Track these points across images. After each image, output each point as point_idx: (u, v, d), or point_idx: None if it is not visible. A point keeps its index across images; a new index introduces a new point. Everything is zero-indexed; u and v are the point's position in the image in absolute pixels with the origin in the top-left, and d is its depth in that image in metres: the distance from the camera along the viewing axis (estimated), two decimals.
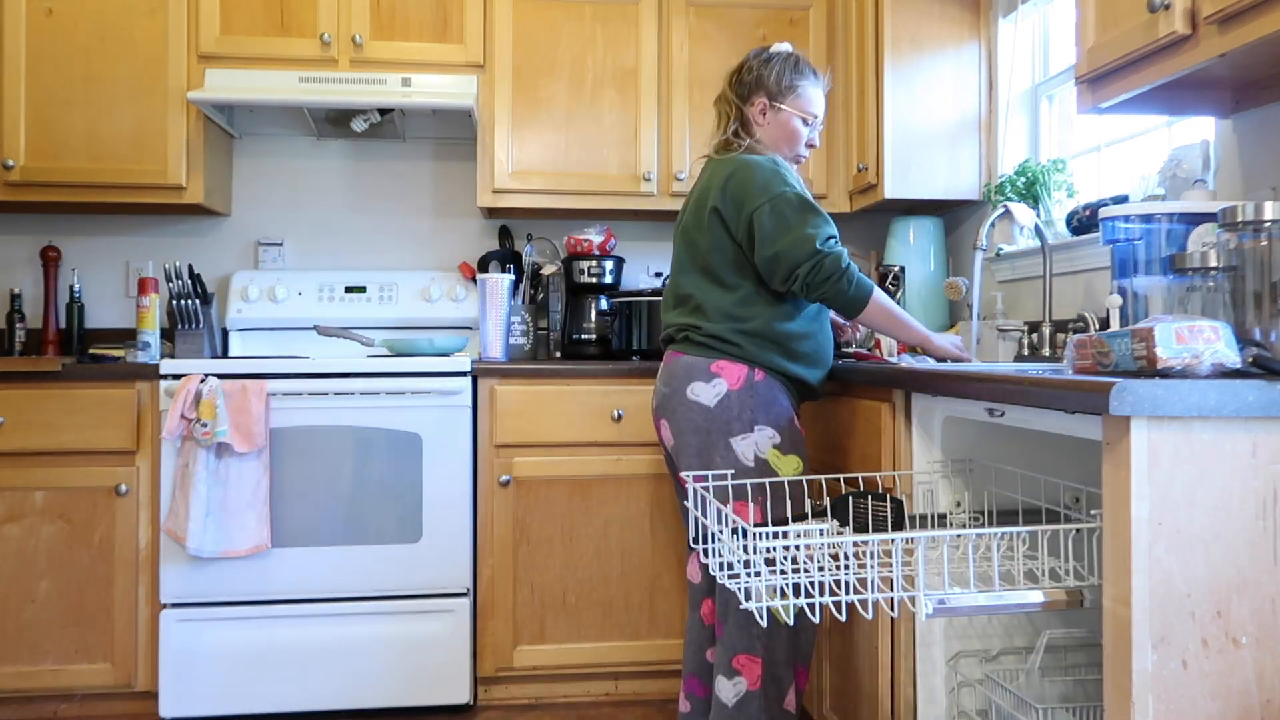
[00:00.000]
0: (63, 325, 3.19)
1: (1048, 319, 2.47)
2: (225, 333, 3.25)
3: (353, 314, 3.23)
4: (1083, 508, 1.79)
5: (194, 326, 3.00)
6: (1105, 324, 2.19)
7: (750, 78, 2.15)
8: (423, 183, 3.42)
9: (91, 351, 2.90)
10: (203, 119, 3.00)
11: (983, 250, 2.40)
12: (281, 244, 3.35)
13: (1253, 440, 1.20)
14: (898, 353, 2.61)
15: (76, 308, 3.20)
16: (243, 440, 2.57)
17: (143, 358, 2.84)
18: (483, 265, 3.32)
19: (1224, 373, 1.25)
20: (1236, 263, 1.42)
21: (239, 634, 2.64)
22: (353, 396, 2.68)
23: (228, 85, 2.91)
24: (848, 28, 3.16)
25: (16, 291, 3.18)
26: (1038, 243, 2.61)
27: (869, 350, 2.62)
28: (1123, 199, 2.36)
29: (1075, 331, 2.33)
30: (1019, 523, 1.79)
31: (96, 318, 3.27)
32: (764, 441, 2.03)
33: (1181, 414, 1.17)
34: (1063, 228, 2.63)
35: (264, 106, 3.01)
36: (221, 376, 2.61)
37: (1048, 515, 1.76)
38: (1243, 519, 1.20)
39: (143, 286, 2.88)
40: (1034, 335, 2.52)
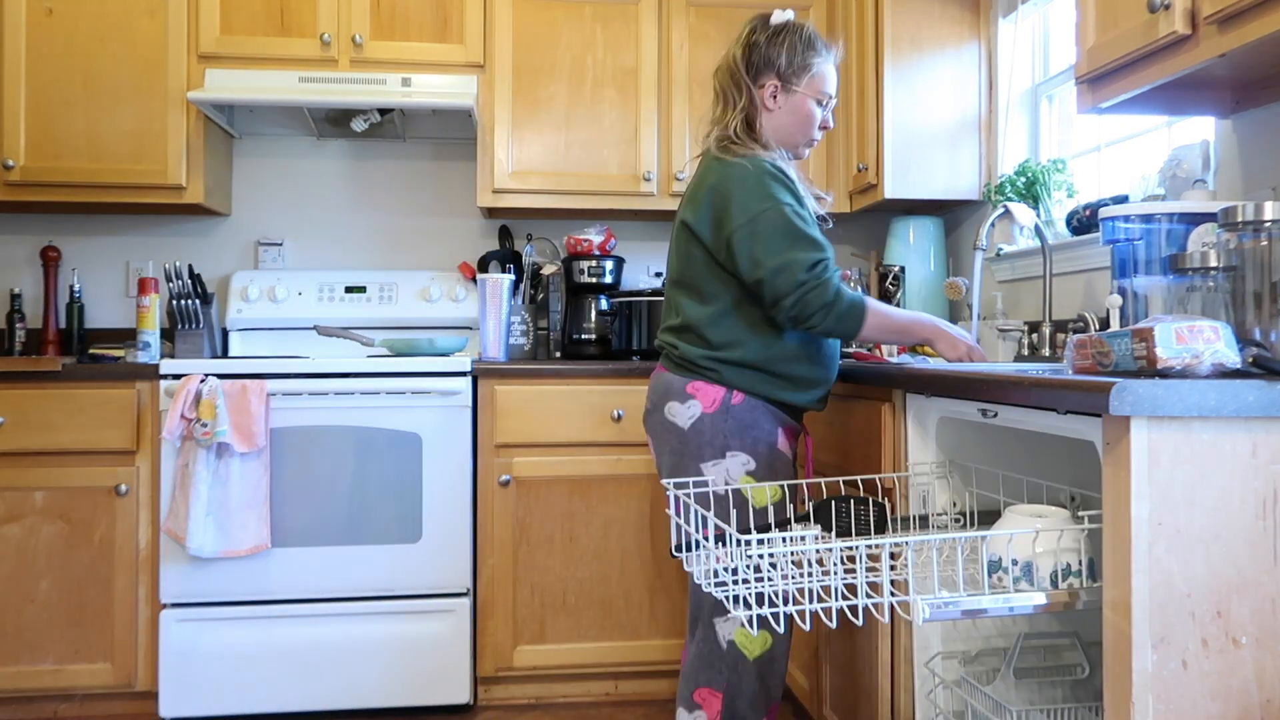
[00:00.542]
0: (63, 325, 3.19)
1: (1048, 319, 2.47)
2: (225, 333, 3.25)
3: (353, 314, 3.23)
4: (1080, 509, 1.79)
5: (194, 326, 3.00)
6: (1105, 324, 2.19)
7: (758, 56, 1.97)
8: (423, 183, 3.42)
9: (91, 351, 2.90)
10: (203, 119, 3.00)
11: (983, 250, 2.40)
12: (281, 244, 3.35)
13: (1253, 440, 1.20)
14: (898, 353, 2.61)
15: (76, 308, 3.20)
16: (243, 440, 2.57)
17: (143, 358, 2.84)
18: (483, 265, 3.32)
19: (1224, 373, 1.25)
20: (1236, 263, 1.42)
21: (239, 634, 2.64)
22: (353, 396, 2.68)
23: (228, 85, 2.91)
24: (848, 27, 3.15)
25: (16, 291, 3.18)
26: (1038, 243, 2.61)
27: (869, 350, 2.62)
28: (1123, 199, 2.36)
29: (1075, 331, 2.33)
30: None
31: (96, 318, 3.27)
32: (736, 469, 1.89)
33: (1181, 414, 1.17)
34: (1063, 228, 2.63)
35: (264, 106, 3.01)
36: (221, 376, 2.61)
37: None
38: (1243, 519, 1.20)
39: (143, 286, 2.88)
40: (1034, 335, 2.52)
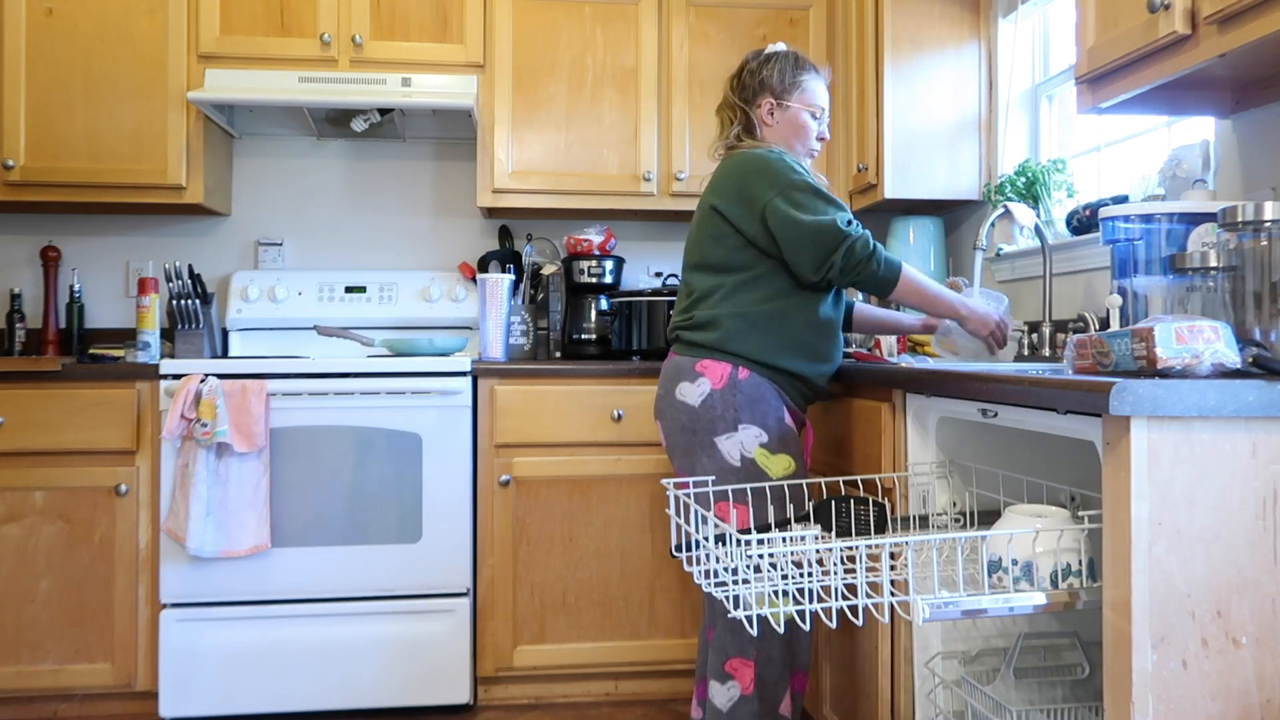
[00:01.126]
0: (63, 325, 3.19)
1: (1048, 319, 2.47)
2: (225, 333, 3.25)
3: (353, 314, 3.23)
4: (1080, 509, 1.79)
5: (194, 326, 3.00)
6: (1105, 324, 2.19)
7: (753, 80, 2.14)
8: (423, 183, 3.42)
9: (91, 351, 2.90)
10: (203, 119, 3.00)
11: (983, 250, 2.40)
12: (281, 244, 3.35)
13: (1253, 440, 1.20)
14: (897, 352, 2.61)
15: (76, 308, 3.20)
16: (243, 440, 2.57)
17: (143, 358, 2.84)
18: (483, 265, 3.32)
19: (1224, 373, 1.25)
20: (1236, 263, 1.42)
21: (239, 634, 2.64)
22: (353, 396, 2.68)
23: (228, 85, 2.91)
24: (848, 28, 3.16)
25: (16, 291, 3.18)
26: (1038, 243, 2.61)
27: (869, 350, 2.62)
28: (1123, 199, 2.36)
29: (1075, 331, 2.33)
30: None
31: (96, 318, 3.27)
32: (749, 441, 1.99)
33: (1181, 414, 1.17)
34: (1063, 228, 2.63)
35: (264, 106, 3.01)
36: (221, 376, 2.61)
37: None
38: (1243, 519, 1.20)
39: (143, 286, 2.88)
40: (1034, 335, 2.52)
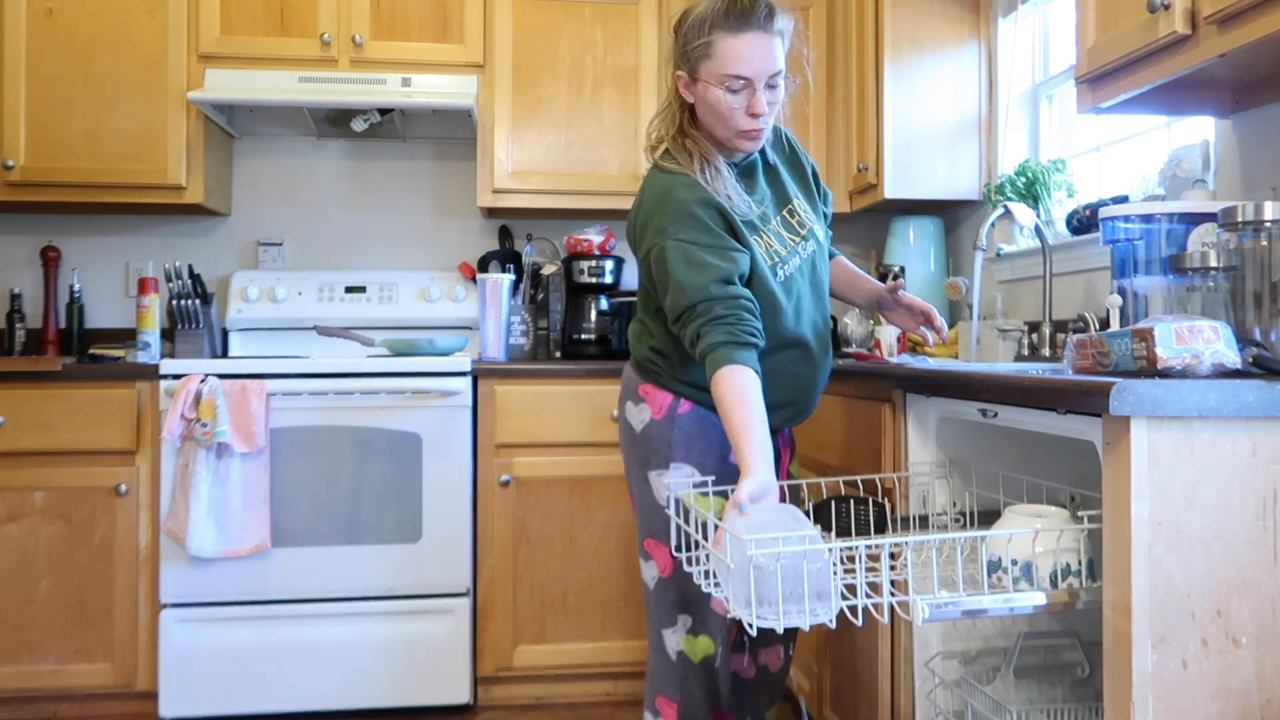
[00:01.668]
0: (63, 325, 3.19)
1: (1048, 319, 2.47)
2: (225, 333, 3.25)
3: (353, 314, 3.23)
4: (1080, 509, 1.79)
5: (194, 326, 3.00)
6: (1105, 324, 2.19)
7: (671, 47, 1.75)
8: (423, 183, 3.42)
9: (91, 351, 2.90)
10: (203, 119, 3.00)
11: (983, 250, 2.40)
12: (281, 244, 3.35)
13: (1253, 440, 1.20)
14: (897, 352, 2.61)
15: (76, 308, 3.20)
16: (243, 440, 2.57)
17: (143, 358, 2.84)
18: (483, 265, 3.32)
19: (1224, 373, 1.25)
20: (1236, 263, 1.42)
21: (239, 634, 2.64)
22: (353, 397, 2.68)
23: (228, 85, 2.91)
24: (848, 28, 3.16)
25: (16, 291, 3.18)
26: (1038, 243, 2.61)
27: (869, 350, 2.62)
28: (1123, 199, 2.36)
29: (1075, 331, 2.33)
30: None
31: (96, 318, 3.27)
32: (680, 483, 1.76)
33: (1181, 414, 1.17)
34: (1063, 228, 2.63)
35: (264, 106, 3.01)
36: (221, 376, 2.61)
37: None
38: (1243, 519, 1.20)
39: (143, 286, 2.88)
40: (1034, 335, 2.52)
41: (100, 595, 2.66)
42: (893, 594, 1.39)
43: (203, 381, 2.58)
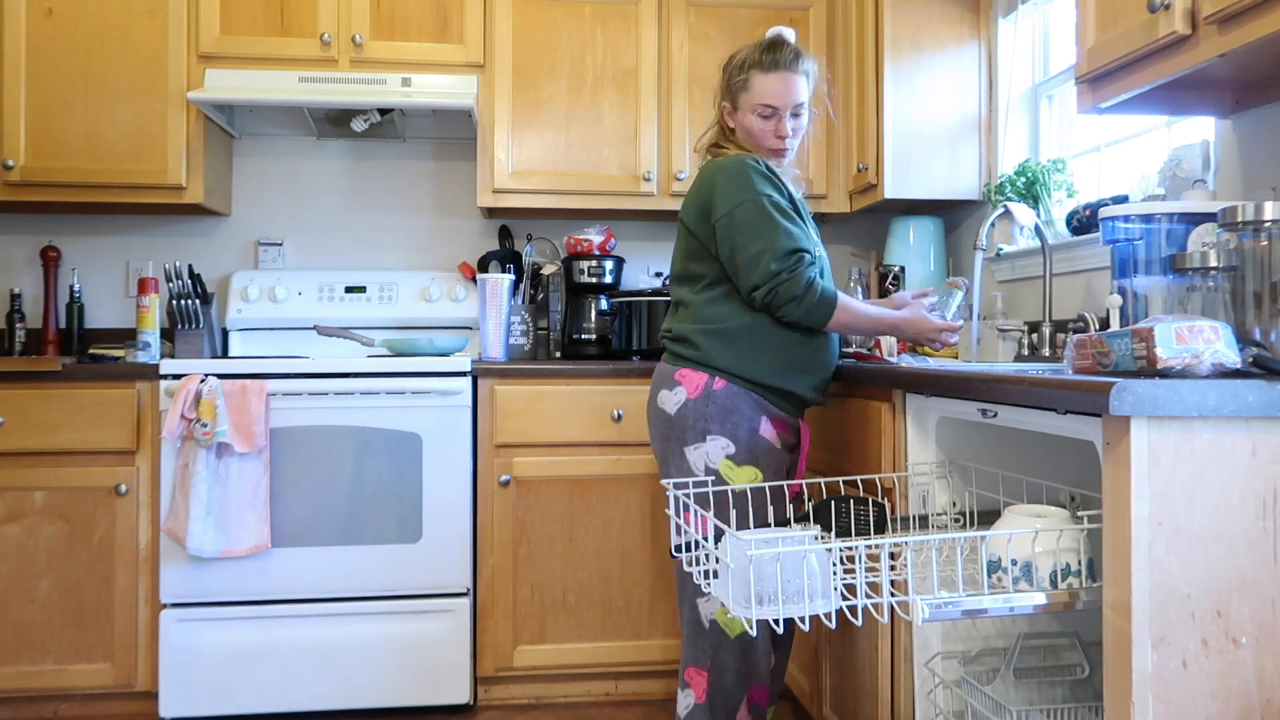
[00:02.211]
0: (63, 325, 3.19)
1: (1048, 319, 2.47)
2: (225, 333, 3.25)
3: (353, 314, 3.23)
4: (1080, 508, 1.79)
5: (194, 326, 3.00)
6: (1105, 324, 2.19)
7: (720, 85, 2.14)
8: (423, 183, 3.42)
9: (91, 351, 2.90)
10: (203, 119, 3.00)
11: (983, 250, 2.40)
12: (281, 244, 3.35)
13: (1253, 440, 1.20)
14: (898, 352, 2.61)
15: (76, 308, 3.20)
16: (243, 440, 2.57)
17: (143, 358, 2.84)
18: (483, 265, 3.32)
19: (1224, 373, 1.25)
20: (1236, 263, 1.42)
21: (239, 634, 2.64)
22: (353, 396, 2.68)
23: (228, 85, 2.91)
24: (848, 28, 3.16)
25: (16, 291, 3.18)
26: (1038, 243, 2.61)
27: (869, 350, 2.62)
28: (1123, 199, 2.36)
29: (1075, 331, 2.33)
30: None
31: (96, 318, 3.27)
32: (715, 452, 1.97)
33: (1181, 414, 1.17)
34: (1063, 228, 2.63)
35: (264, 106, 3.01)
36: (221, 376, 2.61)
37: None
38: (1243, 519, 1.20)
39: (143, 286, 2.88)
40: (1034, 335, 2.52)
41: (100, 595, 2.66)
42: (892, 594, 1.39)
43: (203, 381, 2.58)
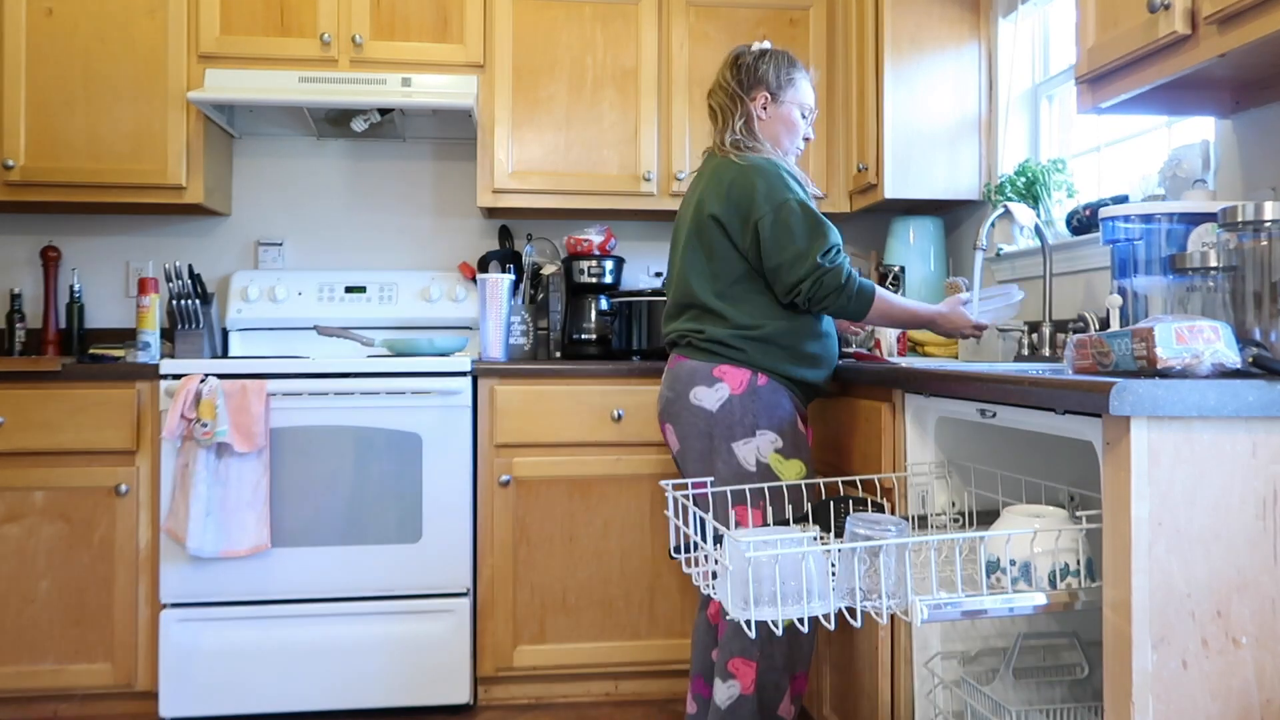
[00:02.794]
0: (63, 325, 3.19)
1: (1048, 319, 2.47)
2: (225, 333, 3.25)
3: (353, 314, 3.23)
4: (1079, 508, 1.78)
5: (194, 326, 3.00)
6: (1105, 324, 2.19)
7: (751, 74, 2.16)
8: (423, 183, 3.42)
9: (91, 351, 2.90)
10: (203, 119, 3.00)
11: (983, 250, 2.40)
12: (281, 244, 3.35)
13: (1253, 440, 1.20)
14: (898, 353, 2.61)
15: (76, 308, 3.20)
16: (243, 440, 2.57)
17: (143, 358, 2.84)
18: (483, 265, 3.32)
19: (1224, 373, 1.25)
20: (1236, 263, 1.42)
21: (239, 634, 2.64)
22: (353, 396, 2.68)
23: (228, 85, 2.91)
24: (848, 28, 3.16)
25: (16, 291, 3.18)
26: (1038, 243, 2.61)
27: (869, 350, 2.62)
28: (1123, 199, 2.36)
29: (1075, 331, 2.33)
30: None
31: (96, 318, 3.27)
32: (765, 446, 2.03)
33: (1181, 414, 1.17)
34: (1063, 228, 2.63)
35: (264, 106, 3.01)
36: (221, 376, 2.61)
37: None
38: (1243, 519, 1.20)
39: (143, 286, 2.88)
40: (1034, 335, 2.52)
41: (100, 595, 2.66)
42: (891, 595, 1.39)
43: (203, 381, 2.58)
